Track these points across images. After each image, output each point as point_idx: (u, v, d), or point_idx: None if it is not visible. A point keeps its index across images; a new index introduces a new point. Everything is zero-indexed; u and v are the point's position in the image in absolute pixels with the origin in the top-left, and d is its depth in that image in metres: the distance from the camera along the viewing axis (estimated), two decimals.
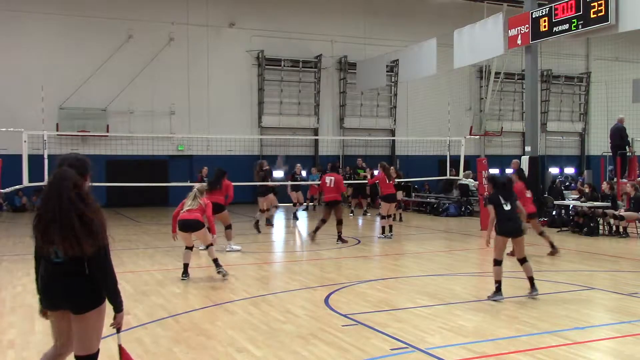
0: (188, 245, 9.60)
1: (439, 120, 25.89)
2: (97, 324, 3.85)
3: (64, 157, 3.92)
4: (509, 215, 7.94)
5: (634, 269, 10.32)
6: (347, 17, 28.05)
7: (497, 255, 7.95)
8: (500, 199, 7.96)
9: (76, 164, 3.84)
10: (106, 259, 3.79)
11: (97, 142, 23.97)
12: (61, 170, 3.73)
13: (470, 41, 19.68)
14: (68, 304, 3.77)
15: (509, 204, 7.97)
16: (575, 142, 34.25)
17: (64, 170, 3.72)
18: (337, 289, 8.56)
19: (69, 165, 3.80)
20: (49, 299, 3.82)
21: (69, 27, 23.84)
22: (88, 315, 3.78)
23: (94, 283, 3.78)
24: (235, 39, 26.29)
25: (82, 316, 3.77)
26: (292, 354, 5.67)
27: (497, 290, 7.88)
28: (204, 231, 9.53)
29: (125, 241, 14.07)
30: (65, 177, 3.66)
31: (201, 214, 9.52)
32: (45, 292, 3.82)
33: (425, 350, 5.71)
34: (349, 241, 13.80)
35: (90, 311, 3.78)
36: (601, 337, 6.26)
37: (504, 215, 7.95)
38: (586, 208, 15.23)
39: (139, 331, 6.50)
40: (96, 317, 3.82)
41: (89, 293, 3.77)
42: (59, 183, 3.63)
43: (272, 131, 26.49)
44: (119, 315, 3.94)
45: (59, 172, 3.71)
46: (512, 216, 7.96)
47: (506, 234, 7.95)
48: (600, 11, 14.82)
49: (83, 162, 3.94)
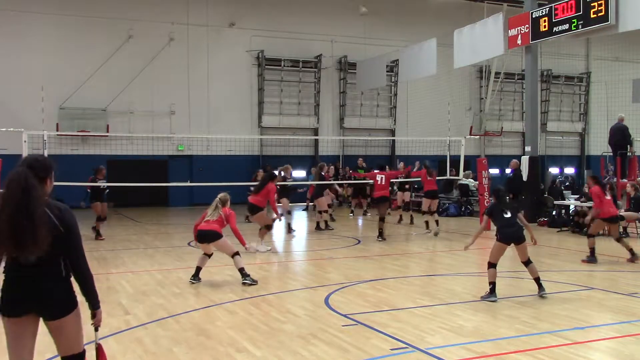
0: (207, 253, 9.38)
1: (439, 120, 25.87)
2: (76, 325, 3.73)
3: (24, 158, 3.75)
4: (510, 222, 8.10)
5: (634, 269, 10.32)
6: (347, 17, 28.04)
7: (493, 259, 8.07)
8: (501, 210, 8.15)
9: (35, 165, 3.65)
10: (83, 255, 3.72)
11: (97, 142, 23.98)
12: (17, 172, 3.55)
13: (470, 41, 19.68)
14: (43, 310, 3.62)
15: (509, 212, 8.14)
16: (575, 142, 34.26)
17: (20, 172, 3.55)
18: (337, 289, 8.56)
19: (28, 166, 3.61)
20: (15, 304, 3.60)
21: (69, 27, 23.84)
22: (66, 320, 3.66)
23: (69, 285, 3.68)
24: (235, 39, 26.29)
25: (59, 321, 3.64)
26: (292, 354, 5.67)
27: (491, 292, 7.95)
28: (223, 242, 9.19)
29: (125, 241, 14.07)
30: (20, 178, 3.50)
31: (220, 226, 9.24)
32: (13, 297, 3.60)
33: (425, 350, 5.71)
34: (350, 241, 13.81)
35: (67, 315, 3.66)
36: (601, 337, 6.27)
37: (505, 222, 8.10)
38: (586, 208, 15.22)
39: (139, 331, 6.50)
40: (73, 319, 3.70)
41: (65, 297, 3.66)
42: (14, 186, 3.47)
43: (272, 131, 26.49)
44: (98, 311, 3.82)
45: (16, 173, 3.54)
46: (513, 223, 8.12)
47: (507, 241, 8.07)
48: (600, 11, 14.82)
49: (42, 163, 3.73)
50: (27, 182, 3.50)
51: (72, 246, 3.66)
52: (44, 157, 3.85)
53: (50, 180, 3.75)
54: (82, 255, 3.72)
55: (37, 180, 3.57)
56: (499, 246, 8.08)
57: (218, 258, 11.86)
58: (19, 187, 3.48)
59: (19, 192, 3.47)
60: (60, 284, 3.65)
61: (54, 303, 3.63)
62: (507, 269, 10.63)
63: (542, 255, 11.93)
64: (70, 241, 3.64)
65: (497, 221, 8.18)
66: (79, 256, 3.69)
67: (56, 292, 3.63)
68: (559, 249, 12.97)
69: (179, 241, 14.10)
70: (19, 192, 3.47)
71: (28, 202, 3.46)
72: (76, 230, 3.68)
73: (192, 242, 13.93)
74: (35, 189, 3.52)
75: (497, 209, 8.21)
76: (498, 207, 8.24)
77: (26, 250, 3.46)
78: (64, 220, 3.61)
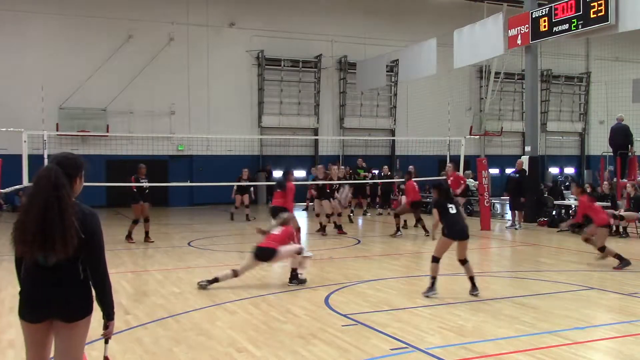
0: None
1: (439, 120, 25.87)
2: (84, 335, 3.61)
3: (55, 155, 3.64)
4: (456, 219, 8.20)
5: (634, 269, 10.30)
6: (347, 17, 28.05)
7: (437, 253, 8.16)
8: (447, 204, 8.23)
9: (65, 163, 3.53)
10: (104, 263, 3.59)
11: (97, 142, 23.98)
12: (47, 168, 3.43)
13: (470, 41, 19.68)
14: (60, 312, 3.48)
15: (454, 207, 8.26)
16: (575, 142, 34.27)
17: (50, 168, 3.43)
18: (337, 289, 8.56)
19: (58, 163, 3.49)
20: (35, 309, 3.50)
21: (69, 27, 23.84)
22: (79, 324, 3.53)
23: (87, 289, 3.56)
24: (235, 39, 26.30)
25: (73, 325, 3.51)
26: (292, 354, 5.66)
27: (431, 286, 8.07)
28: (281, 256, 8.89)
29: (125, 241, 14.06)
30: (51, 175, 3.38)
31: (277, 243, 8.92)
32: (32, 301, 3.50)
33: (425, 350, 5.71)
34: (350, 241, 13.81)
35: (82, 319, 3.54)
36: (601, 337, 6.26)
37: (451, 219, 8.19)
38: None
39: (139, 331, 6.50)
40: (85, 326, 3.58)
41: (83, 299, 3.53)
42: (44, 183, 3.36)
43: (272, 131, 26.50)
44: (111, 323, 3.69)
45: (46, 170, 3.42)
46: (458, 220, 8.22)
47: (452, 237, 8.15)
48: (600, 11, 14.82)
49: (73, 161, 3.60)
50: (58, 180, 3.37)
51: (93, 253, 3.51)
52: (74, 155, 3.70)
53: (80, 180, 3.62)
54: (103, 264, 3.58)
55: (66, 178, 3.44)
56: (445, 241, 8.19)
57: (217, 258, 11.87)
58: (50, 183, 3.34)
59: (50, 188, 3.33)
60: (79, 287, 3.53)
61: (72, 305, 3.50)
62: (507, 269, 10.64)
63: (542, 255, 11.94)
64: (92, 248, 3.49)
65: (443, 217, 8.22)
66: (100, 264, 3.55)
67: (75, 295, 3.51)
68: (559, 249, 12.97)
69: (179, 241, 14.10)
70: (49, 188, 3.33)
71: (59, 200, 3.33)
72: (99, 237, 3.53)
73: (192, 242, 13.94)
74: (66, 188, 3.39)
75: (442, 203, 8.26)
76: (444, 202, 8.26)
77: (54, 250, 3.33)
78: (87, 225, 3.45)
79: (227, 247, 13.43)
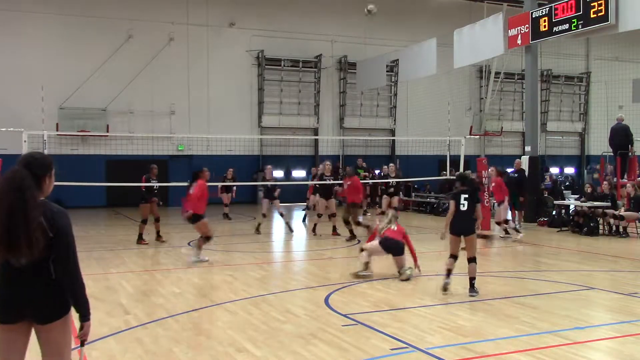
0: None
1: (439, 120, 25.88)
2: (65, 336, 3.54)
3: (22, 156, 3.58)
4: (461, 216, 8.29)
5: (634, 269, 10.31)
6: (347, 17, 28.04)
7: (451, 251, 8.37)
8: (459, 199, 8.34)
9: (33, 163, 3.48)
10: (74, 261, 3.49)
11: (97, 142, 23.98)
12: (13, 171, 3.40)
13: (470, 41, 19.67)
14: (33, 313, 3.45)
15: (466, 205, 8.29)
16: (575, 142, 34.27)
17: (16, 170, 3.39)
18: (337, 289, 8.56)
19: (25, 165, 3.44)
20: (10, 309, 3.45)
21: (69, 27, 23.84)
22: (55, 325, 3.46)
23: (61, 289, 3.47)
24: (235, 39, 26.30)
25: (48, 327, 3.46)
26: (292, 354, 5.66)
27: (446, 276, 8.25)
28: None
29: (125, 241, 14.07)
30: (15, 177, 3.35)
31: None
32: (5, 302, 3.45)
33: (425, 350, 5.71)
34: (349, 241, 13.80)
35: (56, 321, 3.46)
36: (601, 337, 6.26)
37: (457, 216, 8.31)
38: (586, 208, 15.22)
39: (139, 331, 6.50)
40: (62, 326, 3.50)
41: (56, 300, 3.47)
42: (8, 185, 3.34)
43: (272, 131, 26.50)
44: (86, 324, 3.58)
45: (11, 172, 3.39)
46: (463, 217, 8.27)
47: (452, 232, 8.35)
48: (600, 11, 14.81)
49: (40, 161, 3.55)
50: (23, 183, 3.34)
51: (61, 252, 3.43)
52: (42, 154, 3.67)
53: (49, 179, 3.57)
54: (73, 262, 3.48)
55: (34, 179, 3.41)
56: (450, 237, 8.40)
57: (218, 258, 11.87)
58: (14, 186, 3.33)
59: (13, 192, 3.31)
60: (50, 287, 3.46)
61: (43, 306, 3.46)
62: (507, 269, 10.63)
63: (542, 255, 11.94)
64: (60, 246, 3.42)
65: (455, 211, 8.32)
66: (69, 262, 3.46)
67: (47, 295, 3.46)
68: (559, 249, 12.97)
69: (179, 241, 14.10)
70: (12, 192, 3.31)
71: (22, 204, 3.30)
72: (67, 235, 3.46)
73: (191, 242, 13.95)
74: (31, 190, 3.36)
75: (458, 199, 8.32)
76: (458, 196, 8.33)
77: (20, 253, 3.31)
78: (55, 224, 3.41)
79: (227, 247, 13.42)
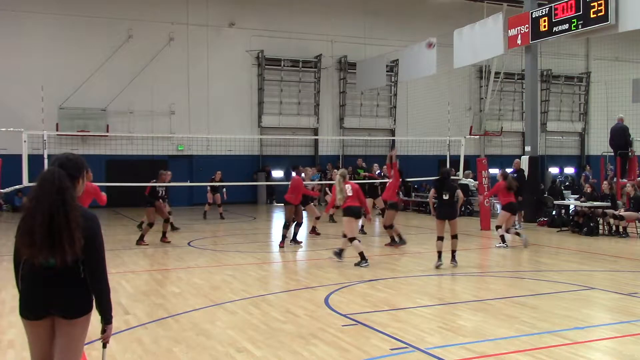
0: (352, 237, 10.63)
1: (439, 120, 25.88)
2: (84, 332, 3.61)
3: (56, 157, 3.65)
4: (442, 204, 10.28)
5: (634, 269, 10.32)
6: (347, 17, 28.05)
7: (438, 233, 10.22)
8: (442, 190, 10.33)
9: (67, 164, 3.55)
10: (103, 265, 3.59)
11: (97, 142, 23.98)
12: (50, 171, 3.44)
13: (470, 41, 19.67)
14: (61, 309, 3.50)
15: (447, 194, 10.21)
16: (575, 142, 34.28)
17: (54, 171, 3.44)
18: (337, 289, 8.56)
19: (60, 165, 3.51)
20: (36, 307, 3.52)
21: (69, 27, 23.83)
22: (79, 321, 3.54)
23: (87, 287, 3.56)
24: (235, 39, 26.30)
25: (73, 321, 3.52)
26: (292, 354, 5.67)
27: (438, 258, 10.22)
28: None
29: (125, 241, 14.07)
30: (54, 178, 3.39)
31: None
32: (33, 300, 3.52)
33: (425, 350, 5.71)
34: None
35: (82, 317, 3.55)
36: (601, 337, 6.26)
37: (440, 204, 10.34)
38: (586, 208, 15.23)
39: (139, 331, 6.50)
40: (84, 323, 3.58)
41: (84, 297, 3.55)
42: (48, 186, 3.37)
43: (272, 131, 26.50)
44: (109, 327, 3.66)
45: (49, 172, 3.43)
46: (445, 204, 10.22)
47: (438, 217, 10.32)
48: (600, 11, 14.81)
49: (75, 162, 3.62)
50: (62, 183, 3.38)
51: (92, 256, 3.51)
52: (76, 156, 3.70)
53: (82, 180, 3.63)
54: (102, 267, 3.58)
55: (69, 181, 3.45)
56: (436, 222, 10.34)
57: (217, 258, 11.87)
58: (54, 187, 3.36)
59: (54, 192, 3.34)
60: (80, 286, 3.54)
61: (73, 302, 3.52)
62: (507, 269, 10.64)
63: (542, 255, 11.94)
64: (92, 251, 3.49)
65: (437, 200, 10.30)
66: (99, 267, 3.55)
67: (76, 293, 3.53)
68: (559, 249, 12.97)
69: (179, 241, 14.10)
70: (53, 192, 3.34)
71: (64, 203, 3.34)
72: (99, 240, 3.54)
73: (191, 242, 13.94)
74: (69, 190, 3.41)
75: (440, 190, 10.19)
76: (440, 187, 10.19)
77: (63, 253, 3.34)
78: (88, 229, 3.46)
79: (227, 247, 13.42)
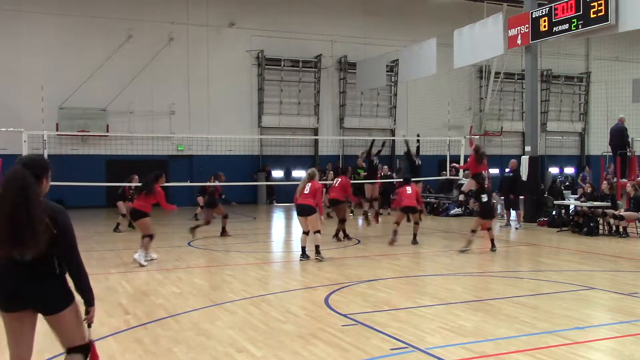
0: (305, 231, 11.01)
1: (439, 120, 25.90)
2: (75, 318, 3.82)
3: (20, 158, 3.83)
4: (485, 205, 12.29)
5: (634, 269, 10.32)
6: (347, 17, 28.04)
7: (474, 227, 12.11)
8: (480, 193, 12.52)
9: (31, 164, 3.72)
10: (77, 255, 3.79)
11: (97, 142, 23.97)
12: (14, 170, 3.61)
13: (470, 41, 19.67)
14: (38, 306, 3.73)
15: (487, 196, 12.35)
16: (575, 142, 34.27)
17: (17, 170, 3.61)
18: (337, 289, 8.56)
19: (24, 165, 3.67)
20: (12, 301, 3.69)
21: (69, 27, 23.83)
22: (63, 314, 3.75)
23: (64, 282, 3.77)
24: (235, 39, 26.29)
25: (57, 316, 3.74)
26: (292, 354, 5.66)
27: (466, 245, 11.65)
28: (315, 217, 10.95)
29: (125, 241, 14.06)
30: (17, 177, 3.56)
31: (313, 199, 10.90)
32: (9, 294, 3.68)
33: (425, 350, 5.71)
34: (350, 241, 13.81)
35: (65, 309, 3.75)
36: (601, 337, 6.26)
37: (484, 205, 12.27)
38: (586, 208, 15.22)
39: (139, 331, 6.50)
40: (70, 313, 3.79)
41: (60, 293, 3.75)
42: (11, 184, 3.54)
43: (272, 131, 26.50)
44: (92, 309, 3.89)
45: (12, 172, 3.60)
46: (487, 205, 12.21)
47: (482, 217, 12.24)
48: (600, 11, 14.81)
49: (38, 162, 3.80)
50: (25, 181, 3.55)
51: (66, 246, 3.72)
52: (40, 157, 3.95)
53: (46, 180, 3.81)
54: (77, 255, 3.79)
55: (33, 179, 3.62)
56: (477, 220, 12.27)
57: (217, 258, 11.87)
58: (17, 185, 3.52)
59: (17, 190, 3.52)
60: (54, 281, 3.73)
61: (49, 299, 3.71)
62: (508, 269, 10.64)
63: (542, 255, 11.95)
64: (64, 241, 3.70)
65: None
66: (73, 255, 3.76)
67: (51, 288, 3.72)
68: (558, 249, 12.97)
69: (179, 241, 14.09)
70: (16, 190, 3.52)
71: (26, 201, 3.51)
72: (70, 231, 3.74)
73: (192, 242, 13.94)
74: (33, 188, 3.57)
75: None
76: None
77: (26, 248, 3.52)
78: (58, 221, 3.66)
79: (227, 247, 13.42)
